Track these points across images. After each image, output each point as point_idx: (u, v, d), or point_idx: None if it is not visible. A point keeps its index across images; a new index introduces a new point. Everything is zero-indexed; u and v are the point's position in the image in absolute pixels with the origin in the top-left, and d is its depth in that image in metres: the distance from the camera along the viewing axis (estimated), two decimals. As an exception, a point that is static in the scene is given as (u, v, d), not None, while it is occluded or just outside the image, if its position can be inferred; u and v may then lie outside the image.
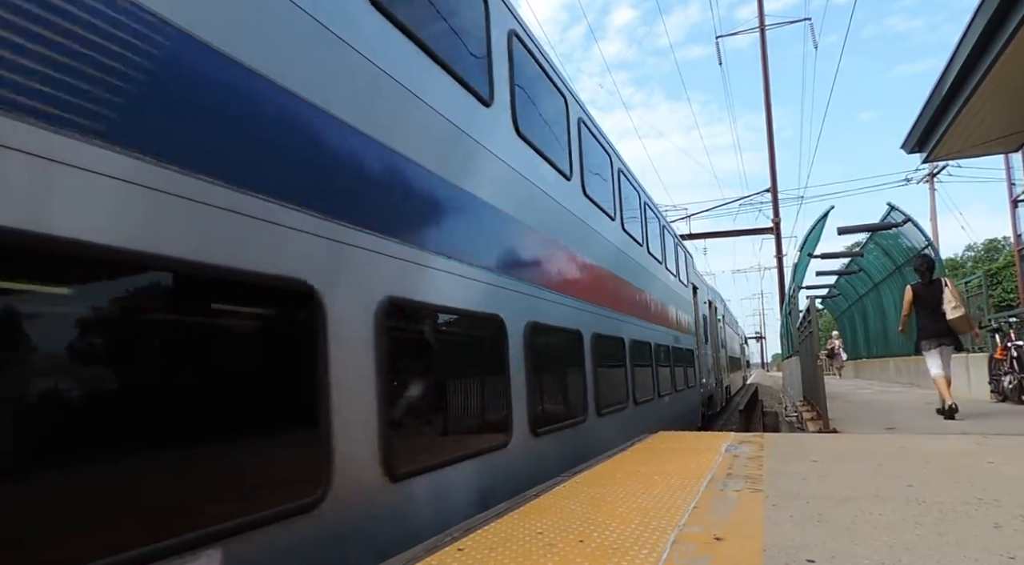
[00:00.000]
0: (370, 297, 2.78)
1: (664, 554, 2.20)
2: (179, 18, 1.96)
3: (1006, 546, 2.18)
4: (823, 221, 11.39)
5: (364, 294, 2.75)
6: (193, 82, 2.00)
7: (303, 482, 2.28)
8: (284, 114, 2.39)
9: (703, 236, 23.69)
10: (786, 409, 14.11)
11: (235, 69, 2.17)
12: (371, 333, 2.74)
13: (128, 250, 1.72)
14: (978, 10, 7.24)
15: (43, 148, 1.55)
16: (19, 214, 1.49)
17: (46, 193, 1.55)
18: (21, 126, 1.51)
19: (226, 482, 2.00)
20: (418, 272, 3.22)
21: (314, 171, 2.53)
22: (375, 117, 2.97)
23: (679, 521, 2.64)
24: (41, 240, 1.53)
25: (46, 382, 1.57)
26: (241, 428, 2.09)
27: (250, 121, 2.22)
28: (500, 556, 2.25)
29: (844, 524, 2.53)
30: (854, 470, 3.73)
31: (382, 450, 2.70)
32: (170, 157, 1.87)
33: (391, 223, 3.01)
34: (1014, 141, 10.56)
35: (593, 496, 3.21)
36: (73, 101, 1.63)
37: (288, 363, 2.33)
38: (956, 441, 4.81)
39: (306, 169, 2.49)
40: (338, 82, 2.74)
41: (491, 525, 2.69)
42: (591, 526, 2.61)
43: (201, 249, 1.95)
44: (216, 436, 2.00)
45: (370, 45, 2.96)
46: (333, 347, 2.47)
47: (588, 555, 2.22)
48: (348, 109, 2.77)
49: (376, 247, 2.87)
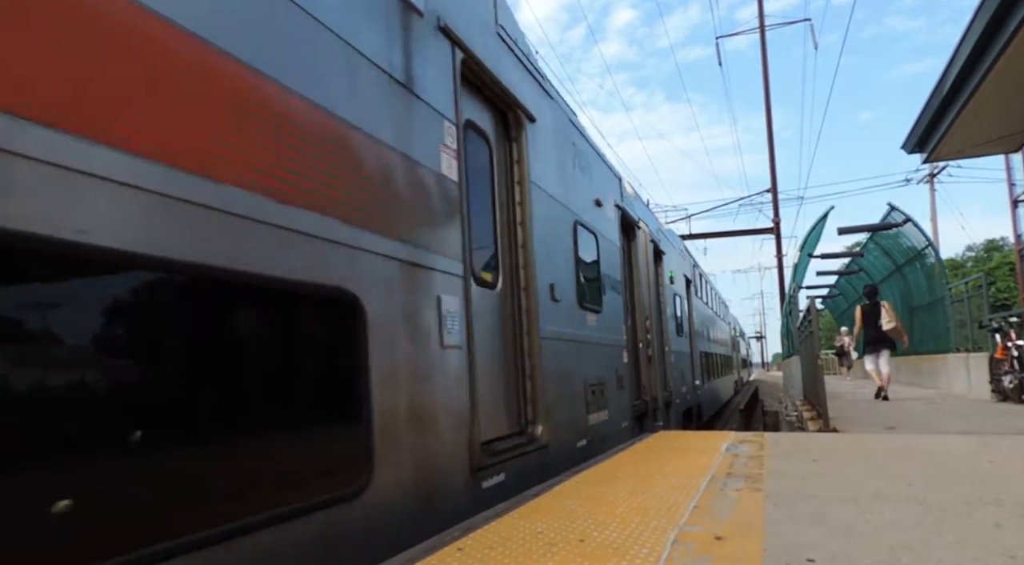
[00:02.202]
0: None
1: (664, 553, 2.20)
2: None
3: (1006, 545, 2.18)
4: (823, 221, 11.40)
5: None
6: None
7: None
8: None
9: (703, 236, 23.69)
10: (786, 409, 14.11)
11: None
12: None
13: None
14: (978, 10, 7.25)
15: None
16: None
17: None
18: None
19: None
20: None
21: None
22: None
23: (679, 520, 2.64)
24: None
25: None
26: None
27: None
28: (500, 555, 2.25)
29: (844, 523, 2.53)
30: (854, 469, 3.73)
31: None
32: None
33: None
34: (1014, 141, 10.56)
35: (593, 495, 3.20)
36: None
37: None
38: (957, 441, 4.81)
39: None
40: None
41: (491, 524, 2.69)
42: (591, 525, 2.60)
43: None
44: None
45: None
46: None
47: (588, 554, 2.22)
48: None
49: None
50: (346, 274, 2.46)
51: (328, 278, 2.37)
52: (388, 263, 2.72)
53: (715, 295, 20.14)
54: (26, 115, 1.46)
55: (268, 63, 2.17)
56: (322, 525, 2.28)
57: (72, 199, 1.56)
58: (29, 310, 1.53)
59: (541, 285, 4.32)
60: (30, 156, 1.48)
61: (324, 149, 2.41)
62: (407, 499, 2.77)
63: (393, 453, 2.66)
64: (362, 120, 2.63)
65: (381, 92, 2.80)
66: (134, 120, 1.71)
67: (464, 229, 3.40)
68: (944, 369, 11.50)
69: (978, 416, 7.09)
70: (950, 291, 12.17)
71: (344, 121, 2.53)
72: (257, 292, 2.13)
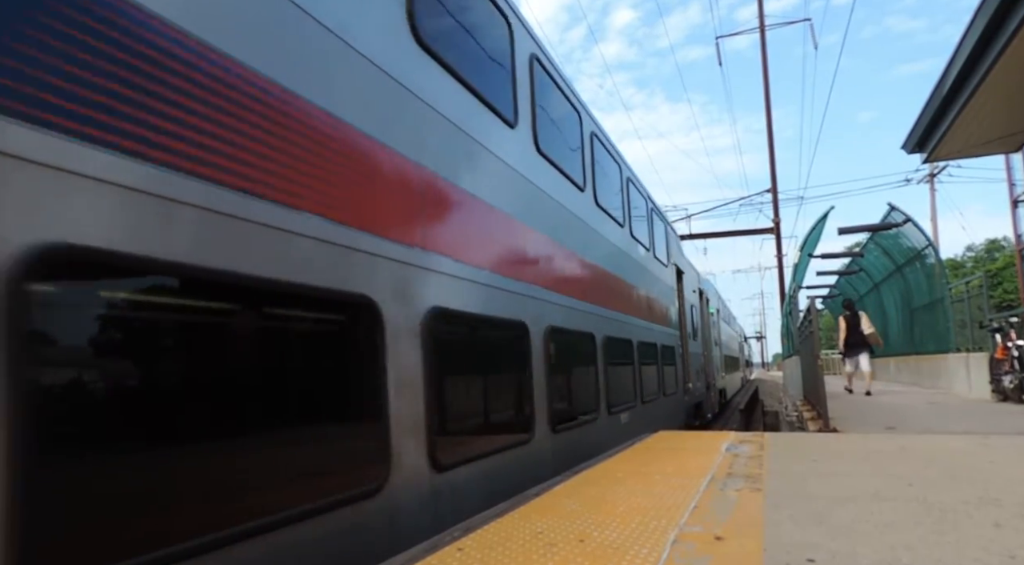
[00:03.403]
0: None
1: (664, 553, 2.20)
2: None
3: (1007, 545, 2.18)
4: (823, 221, 11.38)
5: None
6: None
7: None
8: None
9: (703, 236, 23.67)
10: (786, 409, 14.10)
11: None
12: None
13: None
14: (978, 10, 7.25)
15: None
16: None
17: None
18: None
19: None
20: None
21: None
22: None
23: (679, 520, 2.64)
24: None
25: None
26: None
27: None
28: (500, 556, 2.25)
29: (844, 524, 2.53)
30: (854, 470, 3.73)
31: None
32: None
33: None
34: (1014, 141, 10.56)
35: (593, 495, 3.20)
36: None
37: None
38: (957, 441, 4.81)
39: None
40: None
41: (491, 525, 2.69)
42: (591, 526, 2.60)
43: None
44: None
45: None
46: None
47: (588, 554, 2.22)
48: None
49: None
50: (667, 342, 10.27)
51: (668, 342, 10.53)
52: (663, 333, 10.00)
53: (731, 315, 30.77)
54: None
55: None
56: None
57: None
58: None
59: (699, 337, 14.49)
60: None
61: (648, 301, 9.12)
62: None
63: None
64: (653, 285, 9.64)
65: (658, 274, 10.21)
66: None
67: (683, 324, 12.09)
68: (944, 369, 11.49)
69: (978, 416, 7.08)
70: (950, 291, 12.17)
71: (648, 286, 9.27)
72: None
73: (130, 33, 1.87)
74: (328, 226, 2.60)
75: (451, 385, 3.51)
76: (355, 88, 2.90)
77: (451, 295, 3.54)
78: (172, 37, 2.00)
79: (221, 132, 2.13)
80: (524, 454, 4.33)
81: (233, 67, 2.20)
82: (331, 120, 2.68)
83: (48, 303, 1.64)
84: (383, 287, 2.91)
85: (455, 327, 3.65)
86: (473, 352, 4.04)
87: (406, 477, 2.92)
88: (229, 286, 2.16)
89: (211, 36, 2.13)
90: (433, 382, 3.20)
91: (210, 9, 2.16)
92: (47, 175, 1.61)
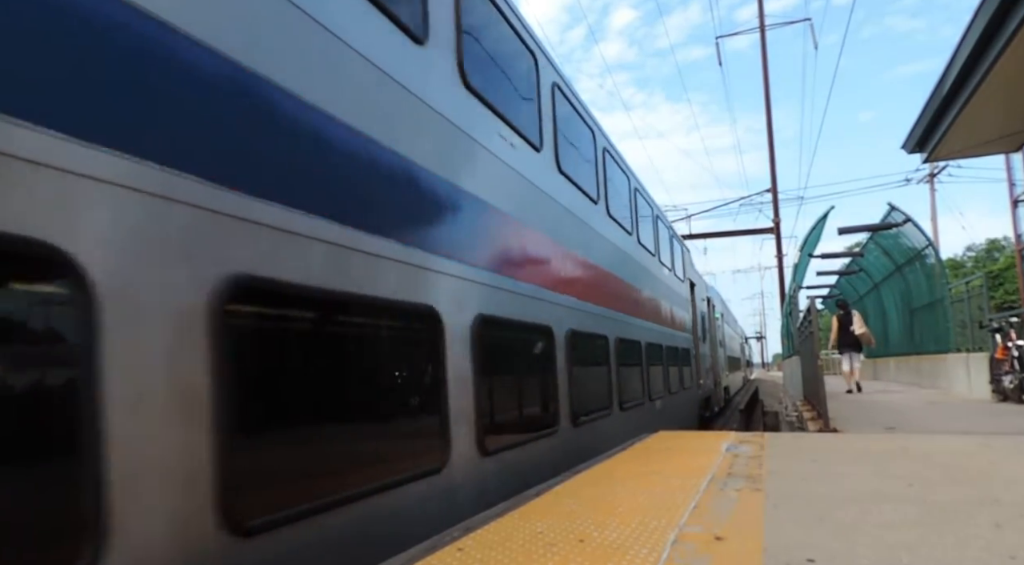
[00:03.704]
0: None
1: (664, 554, 2.20)
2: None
3: (1007, 546, 2.18)
4: (823, 221, 11.38)
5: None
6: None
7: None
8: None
9: (703, 236, 23.70)
10: (786, 409, 14.10)
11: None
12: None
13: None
14: (978, 10, 7.24)
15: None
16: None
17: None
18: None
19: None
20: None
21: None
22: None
23: (679, 521, 2.64)
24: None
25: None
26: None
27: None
28: (500, 556, 2.25)
29: (844, 524, 2.53)
30: (854, 470, 3.72)
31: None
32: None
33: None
34: (1014, 141, 10.56)
35: (593, 496, 3.20)
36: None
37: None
38: (957, 441, 4.81)
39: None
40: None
41: (491, 525, 2.69)
42: (591, 526, 2.60)
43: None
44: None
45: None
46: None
47: (588, 554, 2.22)
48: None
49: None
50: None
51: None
52: (683, 338, 12.23)
53: (733, 317, 33.06)
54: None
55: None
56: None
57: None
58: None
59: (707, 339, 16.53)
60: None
61: (671, 314, 11.15)
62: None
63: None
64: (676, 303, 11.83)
65: (675, 288, 11.92)
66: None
67: (695, 329, 13.88)
68: (944, 369, 11.49)
69: (978, 416, 7.09)
70: (950, 291, 12.17)
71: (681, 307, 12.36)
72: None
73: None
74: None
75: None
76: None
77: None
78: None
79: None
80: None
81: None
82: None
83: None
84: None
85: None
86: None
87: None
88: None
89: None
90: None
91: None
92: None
